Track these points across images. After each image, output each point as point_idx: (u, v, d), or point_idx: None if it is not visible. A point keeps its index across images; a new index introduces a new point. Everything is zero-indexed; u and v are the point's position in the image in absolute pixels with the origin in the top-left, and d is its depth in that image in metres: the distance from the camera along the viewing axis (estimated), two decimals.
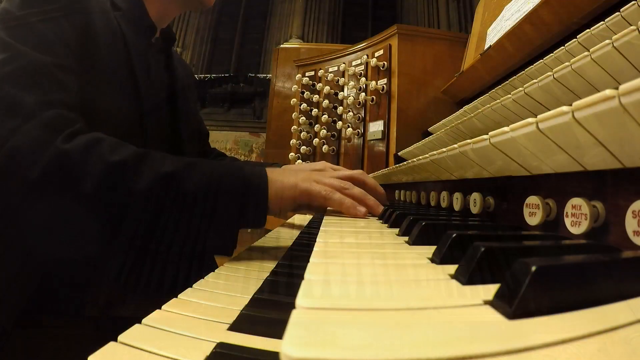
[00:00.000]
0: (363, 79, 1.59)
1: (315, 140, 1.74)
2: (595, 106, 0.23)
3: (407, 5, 7.13)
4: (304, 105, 1.84)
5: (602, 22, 0.55)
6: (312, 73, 1.88)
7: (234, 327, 0.30)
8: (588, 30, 0.57)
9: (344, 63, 1.71)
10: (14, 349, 0.51)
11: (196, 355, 0.26)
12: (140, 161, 0.49)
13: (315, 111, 1.79)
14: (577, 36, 0.59)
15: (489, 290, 0.19)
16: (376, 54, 1.56)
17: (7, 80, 0.48)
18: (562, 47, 0.63)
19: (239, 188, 0.52)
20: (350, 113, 1.62)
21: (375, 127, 1.51)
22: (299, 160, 1.82)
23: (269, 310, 0.31)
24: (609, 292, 0.18)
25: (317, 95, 1.82)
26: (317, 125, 1.74)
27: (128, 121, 0.63)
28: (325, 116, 1.69)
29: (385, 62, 1.50)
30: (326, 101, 1.71)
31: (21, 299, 0.53)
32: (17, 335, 0.51)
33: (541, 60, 0.70)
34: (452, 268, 0.24)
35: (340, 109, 1.65)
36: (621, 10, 0.51)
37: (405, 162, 0.77)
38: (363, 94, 1.58)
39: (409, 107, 1.47)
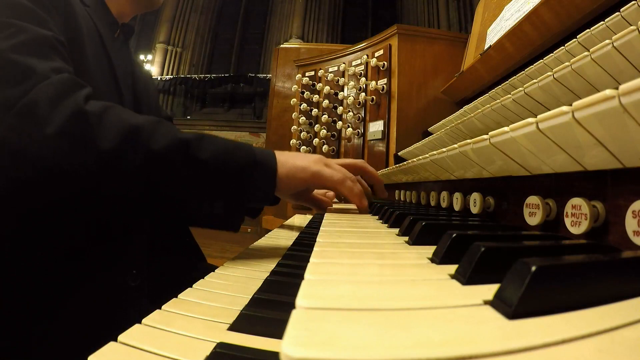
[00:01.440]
0: (363, 79, 1.59)
1: (315, 140, 1.74)
2: (595, 106, 0.23)
3: (407, 5, 7.12)
4: (304, 105, 1.84)
5: (602, 22, 0.55)
6: (312, 73, 1.88)
7: (234, 327, 0.30)
8: (588, 30, 0.57)
9: (344, 63, 1.71)
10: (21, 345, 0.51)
11: (196, 355, 0.26)
12: (156, 126, 0.50)
13: (315, 111, 1.79)
14: (577, 36, 0.59)
15: (489, 290, 0.19)
16: (376, 54, 1.56)
17: (15, 50, 0.50)
18: (562, 47, 0.63)
19: (249, 161, 0.53)
20: (350, 113, 1.62)
21: (375, 127, 1.51)
22: None
23: (269, 310, 0.31)
24: (609, 292, 0.18)
25: (317, 95, 1.82)
26: (317, 125, 1.74)
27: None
28: (325, 116, 1.69)
29: (385, 62, 1.50)
30: (326, 101, 1.71)
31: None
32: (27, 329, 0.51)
33: (541, 60, 0.70)
34: (452, 268, 0.24)
35: (340, 109, 1.64)
36: (621, 10, 0.51)
37: (405, 162, 0.77)
38: (363, 94, 1.58)
39: (409, 107, 1.47)
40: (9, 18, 0.52)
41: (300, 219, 1.23)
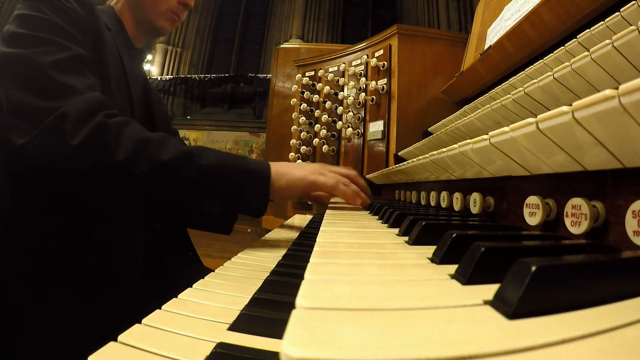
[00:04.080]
0: (363, 79, 1.59)
1: (315, 140, 1.74)
2: (595, 106, 0.23)
3: (407, 5, 7.12)
4: (304, 105, 1.83)
5: (602, 22, 0.55)
6: (312, 73, 1.88)
7: (234, 327, 0.30)
8: (588, 30, 0.57)
9: (344, 63, 1.71)
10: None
11: (196, 355, 0.26)
12: (164, 140, 0.58)
13: (315, 111, 1.79)
14: (577, 36, 0.59)
15: (489, 290, 0.19)
16: (376, 54, 1.56)
17: (55, 66, 0.57)
18: (562, 47, 0.63)
19: (243, 169, 0.60)
20: (350, 113, 1.62)
21: (375, 127, 1.51)
22: (299, 161, 1.82)
23: (269, 310, 0.31)
24: (609, 292, 0.18)
25: (317, 95, 1.81)
26: (317, 125, 1.74)
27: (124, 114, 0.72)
28: (325, 116, 1.69)
29: (385, 62, 1.50)
30: (326, 101, 1.71)
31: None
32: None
33: (541, 60, 0.70)
34: (452, 268, 0.24)
35: (340, 109, 1.64)
36: (621, 10, 0.51)
37: (405, 162, 0.77)
38: (363, 94, 1.58)
39: (409, 107, 1.47)
40: (51, 36, 0.59)
41: (300, 219, 1.23)
